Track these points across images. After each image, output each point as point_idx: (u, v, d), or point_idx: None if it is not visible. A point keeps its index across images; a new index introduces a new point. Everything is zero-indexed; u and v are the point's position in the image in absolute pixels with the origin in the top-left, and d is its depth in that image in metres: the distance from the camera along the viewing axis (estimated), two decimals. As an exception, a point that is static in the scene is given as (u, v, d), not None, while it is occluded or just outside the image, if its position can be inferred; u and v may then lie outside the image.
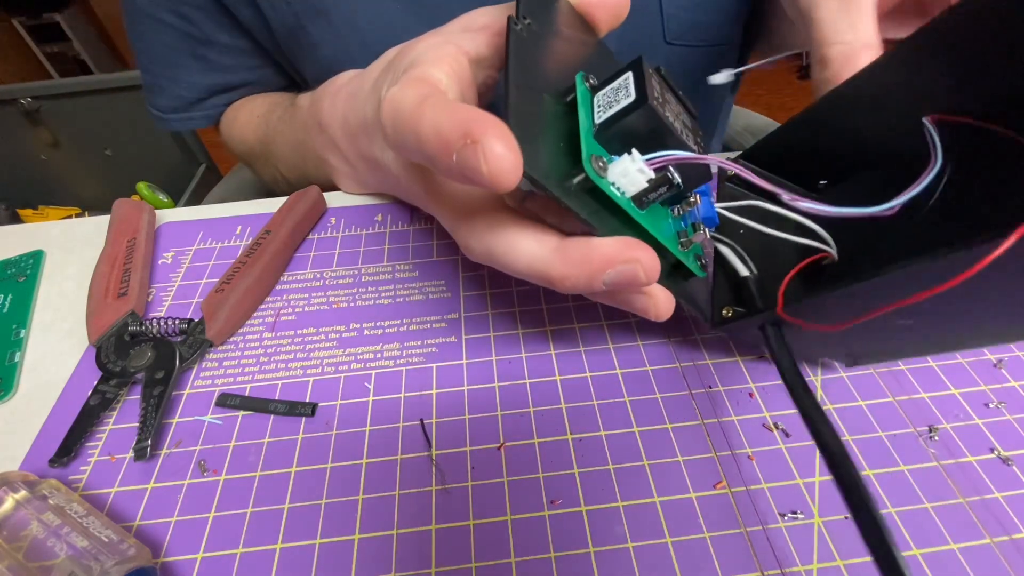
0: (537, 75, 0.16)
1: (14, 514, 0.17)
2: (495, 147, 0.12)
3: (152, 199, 1.19)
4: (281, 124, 0.37)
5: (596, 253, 0.15)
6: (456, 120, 0.13)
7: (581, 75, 0.17)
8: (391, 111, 0.15)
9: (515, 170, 0.13)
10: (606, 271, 0.15)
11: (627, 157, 0.15)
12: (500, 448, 0.21)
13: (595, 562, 0.18)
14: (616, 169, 0.15)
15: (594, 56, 0.20)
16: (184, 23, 0.38)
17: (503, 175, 0.12)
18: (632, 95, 0.15)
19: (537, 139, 0.15)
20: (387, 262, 0.28)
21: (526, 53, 0.16)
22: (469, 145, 0.12)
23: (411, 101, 0.15)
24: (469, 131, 0.13)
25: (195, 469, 0.21)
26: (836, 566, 0.17)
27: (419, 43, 0.20)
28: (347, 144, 0.28)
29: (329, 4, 0.33)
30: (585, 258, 0.15)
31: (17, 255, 0.30)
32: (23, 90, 1.12)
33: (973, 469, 0.19)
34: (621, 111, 0.15)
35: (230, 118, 0.43)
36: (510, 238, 0.16)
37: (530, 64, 0.16)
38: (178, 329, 0.24)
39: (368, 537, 0.19)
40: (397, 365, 0.24)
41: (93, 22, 1.89)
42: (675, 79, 0.18)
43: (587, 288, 0.16)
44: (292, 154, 0.36)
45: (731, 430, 0.21)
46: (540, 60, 0.16)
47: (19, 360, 0.25)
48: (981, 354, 0.23)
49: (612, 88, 0.16)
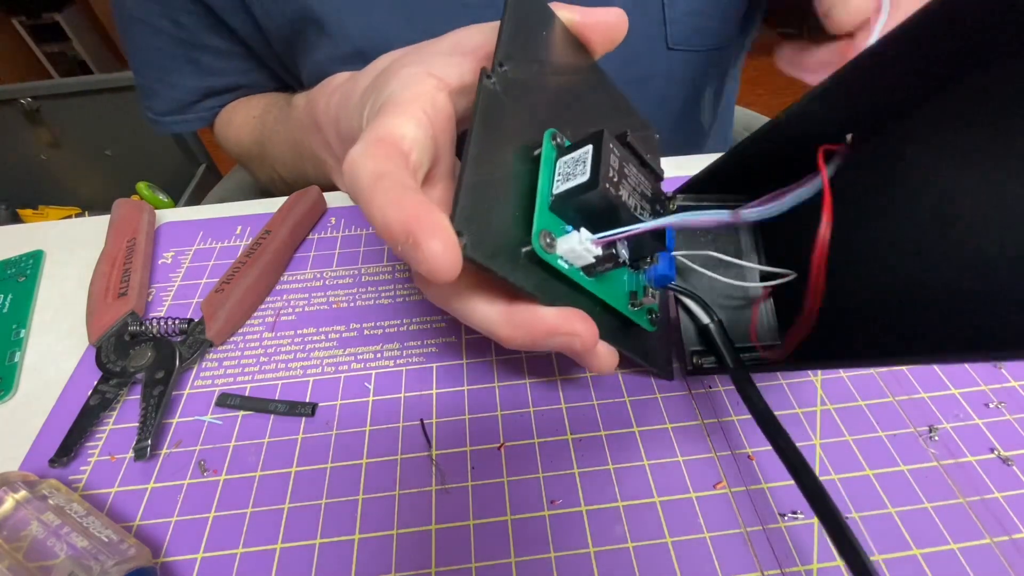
0: (507, 129, 0.16)
1: (14, 514, 0.17)
2: (433, 247, 0.13)
3: (152, 199, 1.19)
4: (277, 125, 0.37)
5: (539, 322, 0.16)
6: (400, 217, 0.14)
7: (550, 133, 0.17)
8: (349, 176, 0.16)
9: (453, 268, 0.13)
10: (547, 339, 0.16)
11: (575, 235, 0.16)
12: (500, 448, 0.21)
13: (595, 562, 0.18)
14: (564, 246, 0.16)
15: (583, 84, 0.19)
16: (177, 28, 0.38)
17: (441, 273, 0.13)
18: (587, 175, 0.16)
19: (491, 211, 0.15)
20: (387, 262, 0.28)
21: (496, 112, 0.16)
22: (411, 243, 0.13)
23: (366, 176, 0.15)
24: (410, 231, 0.13)
25: (195, 469, 0.20)
26: (836, 566, 0.17)
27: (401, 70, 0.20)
28: (340, 146, 0.28)
29: (322, 13, 0.34)
30: (529, 324, 0.16)
31: (17, 255, 0.30)
32: (23, 90, 1.12)
33: (973, 469, 0.19)
34: (576, 188, 0.16)
35: (225, 120, 0.43)
36: (464, 299, 0.17)
37: (499, 122, 0.16)
38: (178, 329, 0.24)
39: (368, 537, 0.19)
40: (397, 365, 0.24)
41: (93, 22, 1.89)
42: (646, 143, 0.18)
43: (532, 348, 0.17)
44: (289, 154, 0.36)
45: (731, 430, 0.21)
46: (513, 112, 0.16)
47: (19, 360, 0.25)
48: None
49: (572, 159, 0.16)
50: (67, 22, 1.77)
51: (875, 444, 0.20)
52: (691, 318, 0.22)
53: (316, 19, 0.34)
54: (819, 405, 0.21)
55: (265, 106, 0.40)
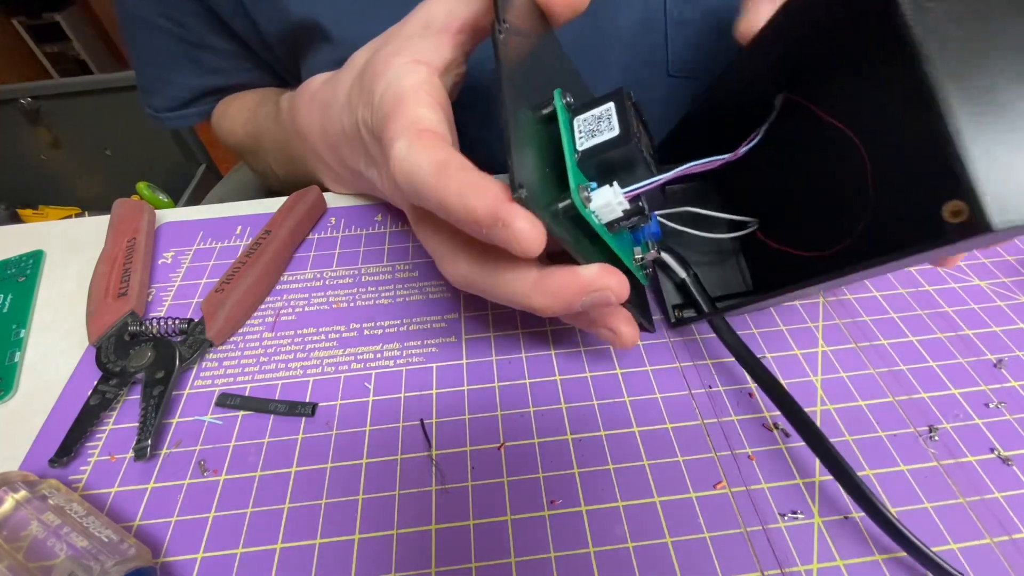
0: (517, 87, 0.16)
1: (14, 514, 0.17)
2: (523, 226, 0.14)
3: (152, 199, 1.19)
4: (268, 122, 0.37)
5: (574, 282, 0.16)
6: (484, 203, 0.14)
7: (559, 92, 0.17)
8: (406, 175, 0.16)
9: (540, 242, 0.14)
10: (582, 297, 0.16)
11: (609, 189, 0.16)
12: (500, 448, 0.21)
13: (595, 562, 0.18)
14: (599, 200, 0.16)
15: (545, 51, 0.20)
16: (178, 28, 0.38)
17: (531, 249, 0.14)
18: (616, 130, 0.16)
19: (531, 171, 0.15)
20: (387, 262, 0.28)
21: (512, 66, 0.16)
22: (500, 227, 0.14)
23: (427, 169, 0.16)
24: (497, 215, 0.14)
25: (195, 469, 0.20)
26: (836, 566, 0.17)
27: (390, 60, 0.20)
28: (329, 153, 0.29)
29: (321, 19, 0.34)
30: (562, 287, 0.16)
31: (17, 255, 0.30)
32: (23, 90, 1.12)
33: (973, 469, 0.19)
34: (605, 144, 0.16)
35: (221, 111, 0.43)
36: (493, 273, 0.17)
37: (516, 78, 0.16)
38: (178, 329, 0.24)
39: (368, 537, 0.19)
40: (397, 365, 0.24)
41: (93, 22, 1.88)
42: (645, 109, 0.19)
43: (566, 313, 0.17)
44: (279, 152, 0.37)
45: (731, 430, 0.21)
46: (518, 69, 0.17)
47: (19, 360, 0.25)
48: (981, 354, 0.23)
49: (593, 116, 0.17)
50: (67, 22, 1.77)
51: (875, 444, 0.20)
52: (668, 276, 0.24)
53: (317, 25, 0.34)
54: (819, 405, 0.21)
55: (258, 99, 0.40)
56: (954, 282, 0.26)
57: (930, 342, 0.23)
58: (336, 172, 0.30)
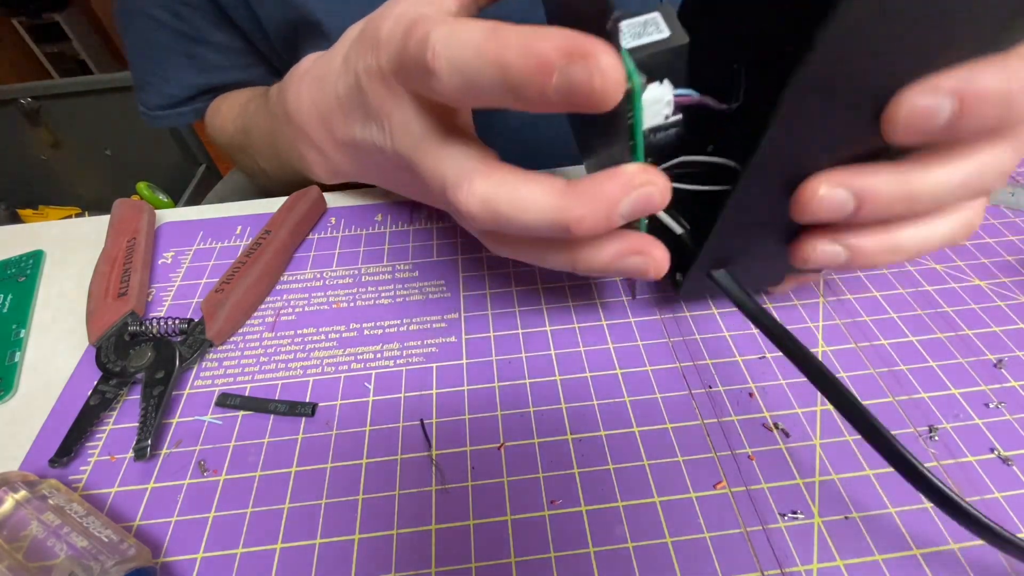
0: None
1: (14, 514, 0.17)
2: (605, 59, 0.12)
3: (152, 199, 1.19)
4: (257, 115, 0.36)
5: (616, 179, 0.14)
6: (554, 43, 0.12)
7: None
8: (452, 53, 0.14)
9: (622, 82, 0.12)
10: (625, 195, 0.14)
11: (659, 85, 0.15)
12: (500, 448, 0.21)
13: (595, 562, 0.18)
14: (651, 93, 0.15)
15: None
16: (178, 21, 0.37)
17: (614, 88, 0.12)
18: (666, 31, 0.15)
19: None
20: (387, 262, 0.28)
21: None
22: (577, 61, 0.12)
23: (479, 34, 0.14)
24: (576, 49, 0.12)
25: (195, 469, 0.21)
26: (836, 566, 0.17)
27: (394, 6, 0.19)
28: (318, 131, 0.27)
29: (321, 14, 0.33)
30: (604, 188, 0.14)
31: (17, 255, 0.30)
32: (23, 90, 1.12)
33: (973, 469, 0.19)
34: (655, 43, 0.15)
35: (214, 108, 0.43)
36: (515, 190, 0.15)
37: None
38: (178, 329, 0.24)
39: (368, 537, 0.19)
40: (397, 365, 0.24)
41: (93, 22, 1.89)
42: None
43: (606, 225, 0.15)
44: (266, 145, 0.35)
45: (731, 430, 0.21)
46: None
47: (19, 360, 0.25)
48: (981, 354, 0.23)
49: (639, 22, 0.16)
50: (67, 22, 1.77)
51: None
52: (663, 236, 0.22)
53: (316, 21, 0.34)
54: (819, 406, 0.21)
55: (250, 96, 0.40)
56: (954, 282, 0.26)
57: (930, 342, 0.23)
58: (324, 155, 0.28)
